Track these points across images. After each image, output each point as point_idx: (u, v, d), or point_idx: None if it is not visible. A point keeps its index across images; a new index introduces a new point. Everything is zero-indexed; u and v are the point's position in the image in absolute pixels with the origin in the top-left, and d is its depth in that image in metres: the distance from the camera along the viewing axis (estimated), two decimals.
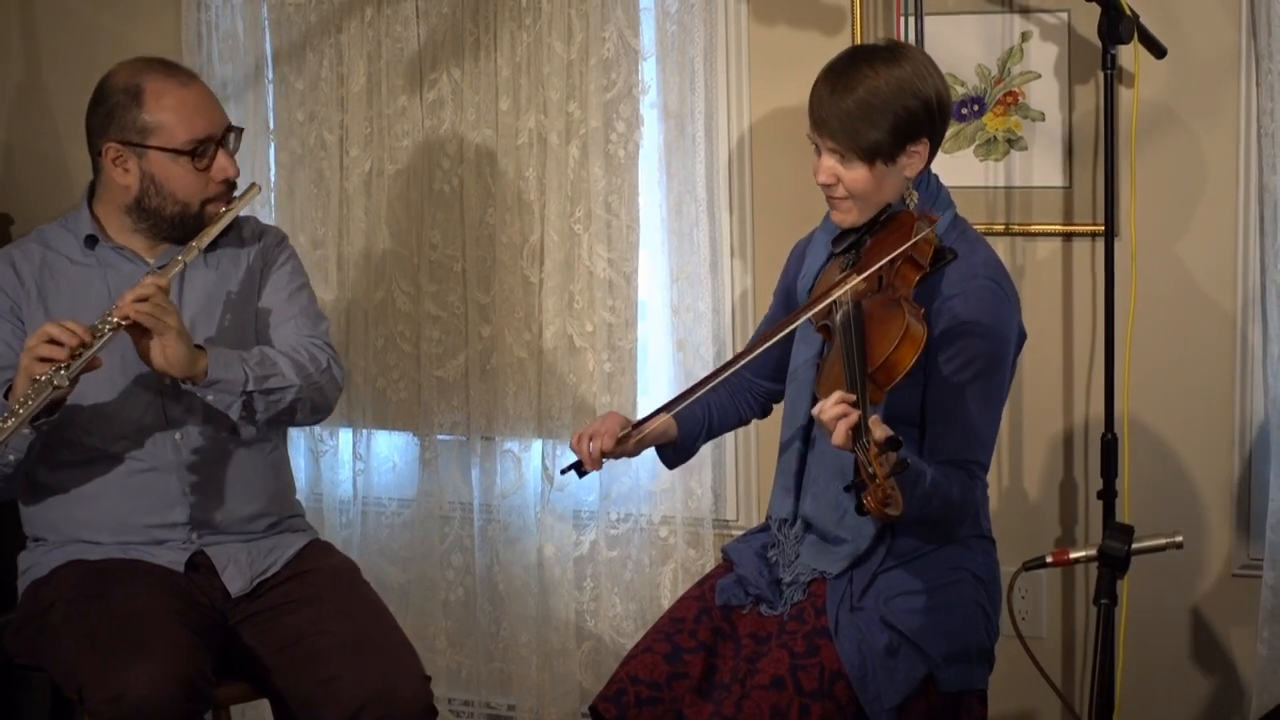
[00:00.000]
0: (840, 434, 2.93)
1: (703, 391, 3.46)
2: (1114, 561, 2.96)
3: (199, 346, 3.50)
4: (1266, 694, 3.98)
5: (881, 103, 3.28)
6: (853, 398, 2.96)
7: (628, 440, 3.47)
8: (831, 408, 2.96)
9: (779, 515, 3.52)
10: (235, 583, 3.62)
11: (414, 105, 4.56)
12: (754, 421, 3.85)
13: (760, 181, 4.37)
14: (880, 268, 3.22)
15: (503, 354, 4.55)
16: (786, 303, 3.64)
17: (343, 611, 3.58)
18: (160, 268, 3.54)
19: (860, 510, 2.95)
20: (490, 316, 4.56)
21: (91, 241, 3.67)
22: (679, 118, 4.35)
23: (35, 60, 4.99)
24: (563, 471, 3.57)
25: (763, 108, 4.34)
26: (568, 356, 4.50)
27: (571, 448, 3.48)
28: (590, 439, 3.45)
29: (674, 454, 3.63)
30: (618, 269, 4.44)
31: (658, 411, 3.52)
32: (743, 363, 3.43)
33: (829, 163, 3.35)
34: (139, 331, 3.38)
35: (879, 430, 2.92)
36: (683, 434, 3.59)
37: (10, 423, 3.26)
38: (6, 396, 3.38)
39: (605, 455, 3.46)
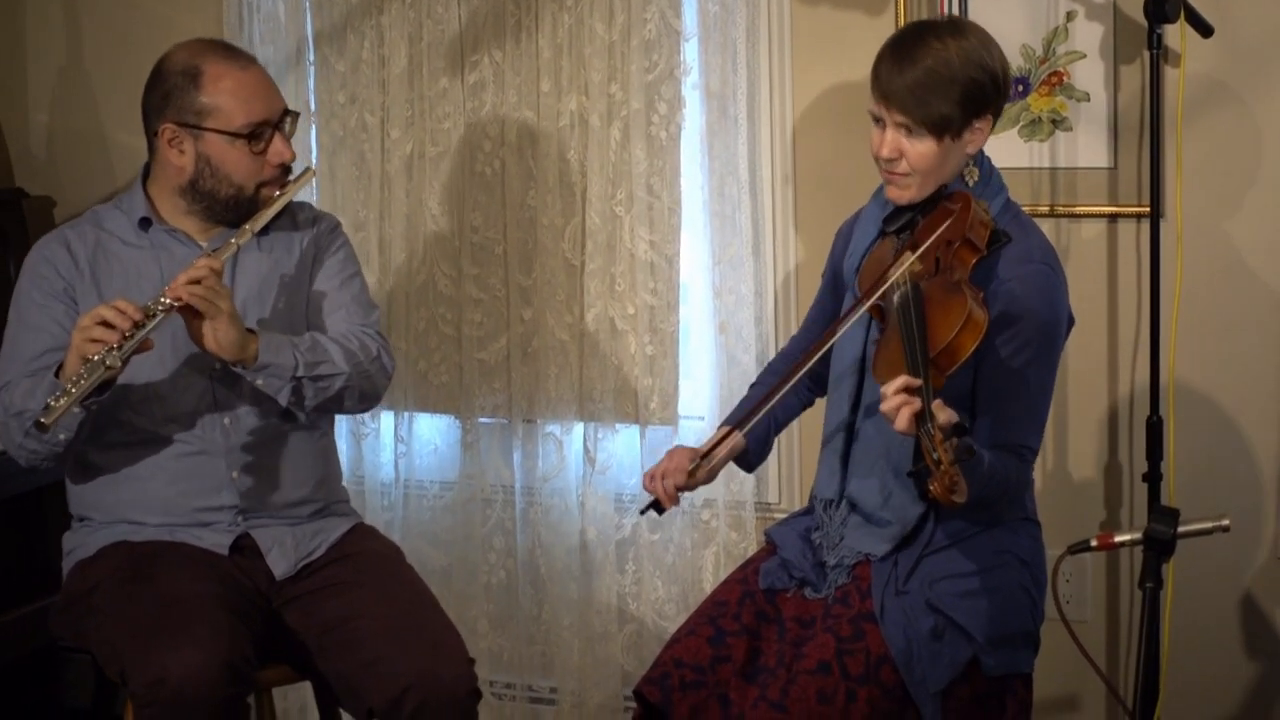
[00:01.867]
0: (904, 420, 2.93)
1: (770, 405, 3.46)
2: (1159, 545, 2.95)
3: (250, 330, 3.51)
4: None
5: (951, 74, 3.28)
6: (917, 383, 2.96)
7: (698, 470, 3.49)
8: (895, 394, 2.96)
9: (824, 496, 3.51)
10: (280, 566, 3.63)
11: (455, 87, 4.56)
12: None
13: (804, 163, 4.36)
14: (936, 245, 3.22)
15: (544, 337, 4.55)
16: (834, 284, 3.63)
17: (386, 595, 3.59)
18: (214, 250, 3.54)
19: (924, 496, 2.95)
20: (532, 299, 4.56)
21: (145, 223, 3.68)
22: (721, 99, 4.35)
23: (77, 43, 5.01)
24: (641, 512, 3.58)
25: (806, 88, 4.33)
26: (609, 339, 4.50)
27: (645, 488, 3.50)
28: (663, 477, 3.47)
29: (748, 460, 3.65)
30: (660, 251, 4.44)
31: (726, 431, 3.54)
32: (806, 367, 3.41)
33: (894, 136, 3.33)
34: (191, 314, 3.40)
35: (944, 415, 2.93)
36: (752, 442, 3.60)
37: (62, 402, 3.27)
38: (58, 375, 3.39)
39: (681, 490, 3.47)
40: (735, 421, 3.55)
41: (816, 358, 3.40)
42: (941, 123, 3.29)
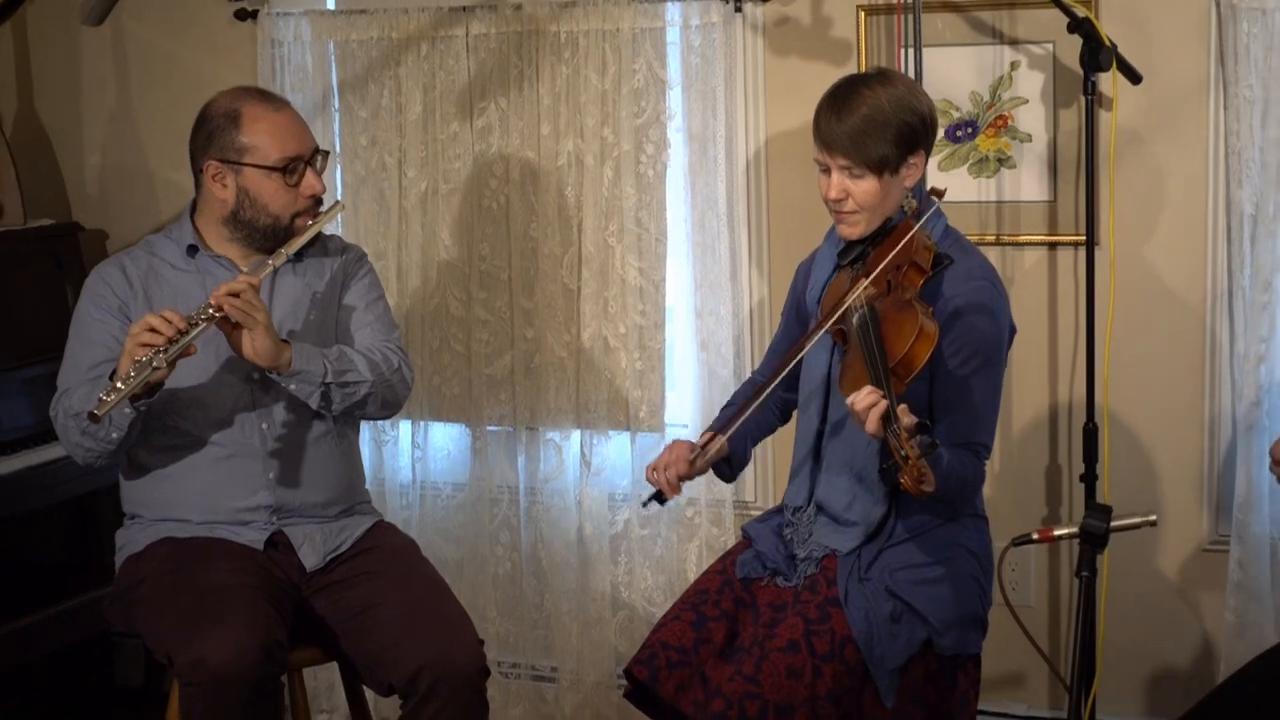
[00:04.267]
0: (873, 422, 2.96)
1: (749, 412, 3.46)
2: (1094, 538, 2.96)
3: (284, 340, 3.52)
4: (1234, 657, 3.98)
5: (885, 118, 3.30)
6: (881, 391, 2.98)
7: (697, 460, 3.48)
8: (863, 399, 2.98)
9: (794, 504, 3.53)
10: (310, 559, 3.64)
11: (465, 131, 4.57)
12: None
13: (775, 198, 4.37)
14: (886, 270, 3.24)
15: (545, 354, 4.56)
16: (798, 317, 3.65)
17: (404, 585, 3.60)
18: (253, 271, 3.56)
19: (897, 489, 2.97)
20: (533, 320, 4.57)
21: (192, 250, 3.69)
22: (702, 141, 4.36)
23: (126, 91, 5.01)
24: (645, 504, 3.57)
25: (777, 131, 4.34)
26: (603, 356, 4.51)
27: (648, 480, 3.49)
28: (665, 468, 3.47)
29: (729, 468, 3.64)
30: (647, 277, 4.45)
31: (712, 434, 3.53)
32: (779, 379, 3.43)
33: (839, 179, 3.35)
34: (230, 325, 3.41)
35: (907, 417, 2.95)
36: (734, 449, 3.60)
37: (112, 396, 3.28)
38: (111, 377, 3.40)
39: (682, 479, 3.47)
40: (718, 428, 3.56)
41: (785, 373, 3.41)
42: (881, 162, 3.31)
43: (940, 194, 3.36)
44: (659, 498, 3.49)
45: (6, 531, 4.34)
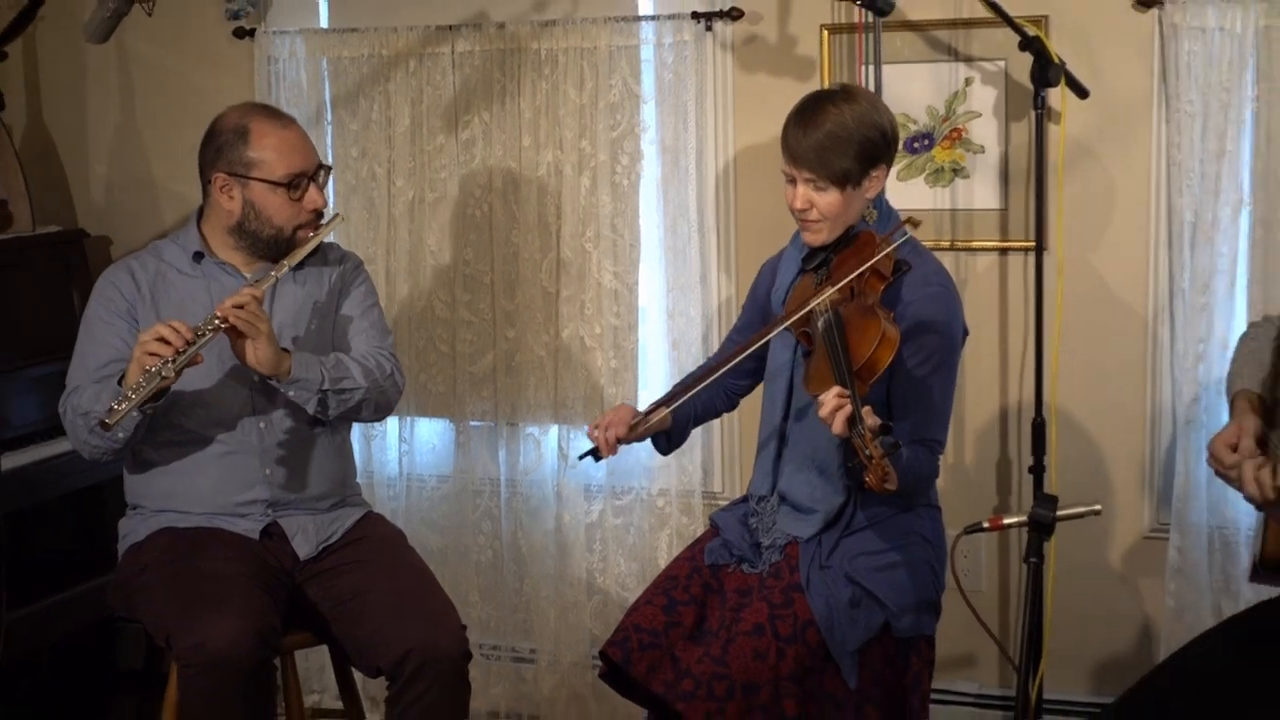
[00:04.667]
0: (839, 424, 2.96)
1: (698, 389, 3.46)
2: (1042, 527, 2.97)
3: (285, 349, 3.51)
4: (1173, 639, 3.98)
5: (847, 134, 3.30)
6: (847, 393, 2.98)
7: (636, 428, 3.47)
8: (830, 402, 2.98)
9: (758, 494, 3.53)
10: (303, 549, 3.63)
11: (450, 143, 4.57)
12: (739, 414, 3.86)
13: (742, 206, 4.37)
14: (851, 279, 3.24)
15: (525, 353, 4.55)
16: (761, 313, 3.64)
17: (392, 572, 3.60)
18: (256, 281, 3.54)
19: (861, 487, 2.97)
20: (514, 321, 4.56)
21: (199, 257, 3.68)
22: (674, 152, 4.36)
23: (129, 105, 5.00)
24: (580, 458, 3.56)
25: (745, 143, 4.34)
26: (580, 355, 4.51)
27: (589, 436, 3.48)
28: (606, 428, 3.45)
29: (667, 442, 3.64)
30: (622, 280, 4.45)
31: (658, 405, 3.52)
32: (730, 366, 3.43)
33: (804, 191, 3.35)
34: (235, 334, 3.40)
35: (871, 419, 2.95)
36: (676, 424, 3.60)
37: (124, 406, 3.28)
38: (120, 383, 3.39)
39: (620, 442, 3.46)
40: (664, 401, 3.54)
41: (738, 360, 3.42)
42: (844, 175, 3.31)
43: (916, 224, 3.33)
44: (595, 454, 3.48)
45: (15, 523, 4.31)
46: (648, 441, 3.62)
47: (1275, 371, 3.14)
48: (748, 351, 3.41)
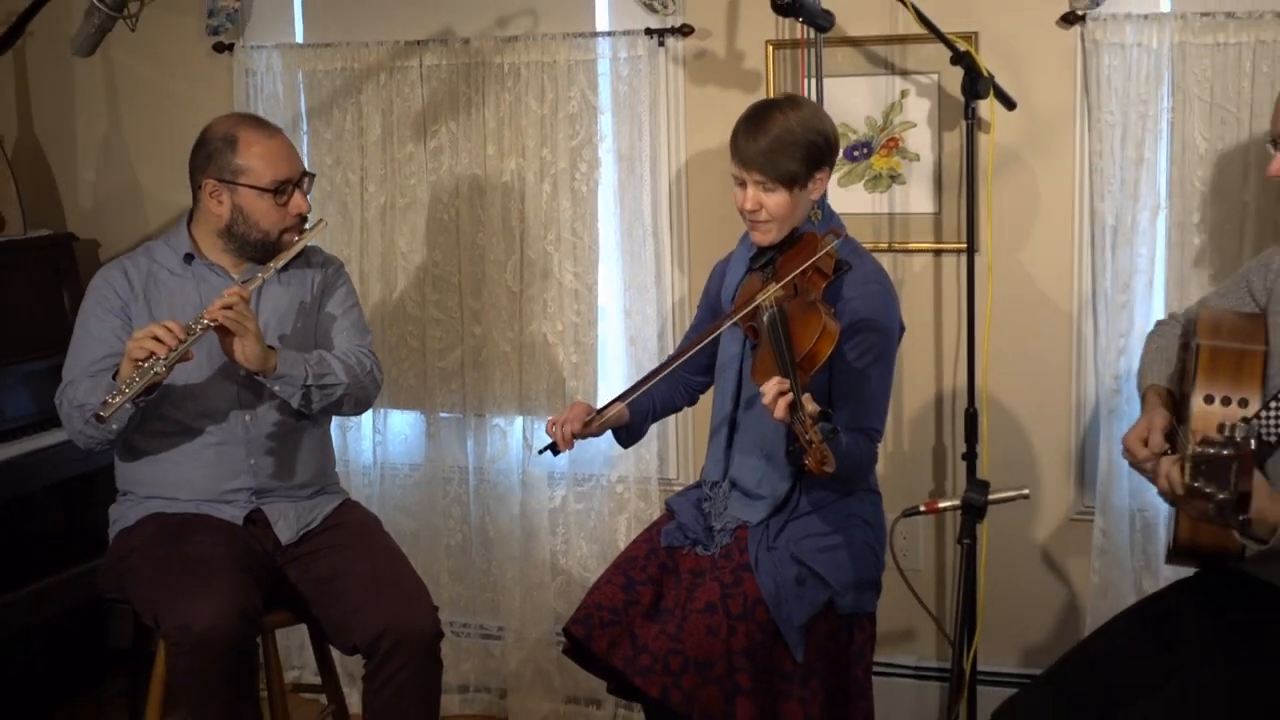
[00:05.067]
0: (780, 409, 2.95)
1: (650, 384, 3.46)
2: (974, 510, 2.98)
3: (271, 347, 3.51)
4: (1097, 614, 4.02)
5: (794, 139, 3.31)
6: (788, 382, 2.98)
7: (592, 424, 3.47)
8: (772, 388, 2.98)
9: (711, 479, 3.54)
10: (285, 534, 3.63)
11: (419, 151, 4.56)
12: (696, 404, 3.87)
13: (694, 209, 4.38)
14: (795, 276, 3.25)
15: (491, 349, 4.55)
16: (713, 313, 3.65)
17: (367, 556, 3.59)
18: (243, 282, 3.53)
19: (802, 470, 2.97)
20: (481, 319, 4.56)
21: (189, 258, 3.67)
22: (629, 160, 4.36)
23: (115, 115, 4.97)
24: (539, 452, 3.56)
25: (696, 151, 4.35)
26: (543, 350, 4.51)
27: (547, 432, 3.47)
28: (563, 424, 3.44)
29: (626, 436, 3.64)
30: (582, 280, 4.45)
31: (614, 401, 3.52)
32: (682, 360, 3.44)
33: (754, 192, 3.36)
34: (223, 332, 3.39)
35: (811, 406, 2.94)
36: (634, 419, 3.60)
37: (118, 399, 3.27)
38: (114, 377, 3.39)
39: (575, 437, 3.46)
40: (620, 398, 3.54)
41: (688, 355, 3.42)
42: (790, 177, 3.32)
43: (839, 236, 3.37)
44: (553, 448, 3.47)
45: (10, 510, 4.30)
46: (605, 436, 3.62)
47: (1181, 368, 3.16)
48: (698, 348, 3.42)
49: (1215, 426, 2.71)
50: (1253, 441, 2.46)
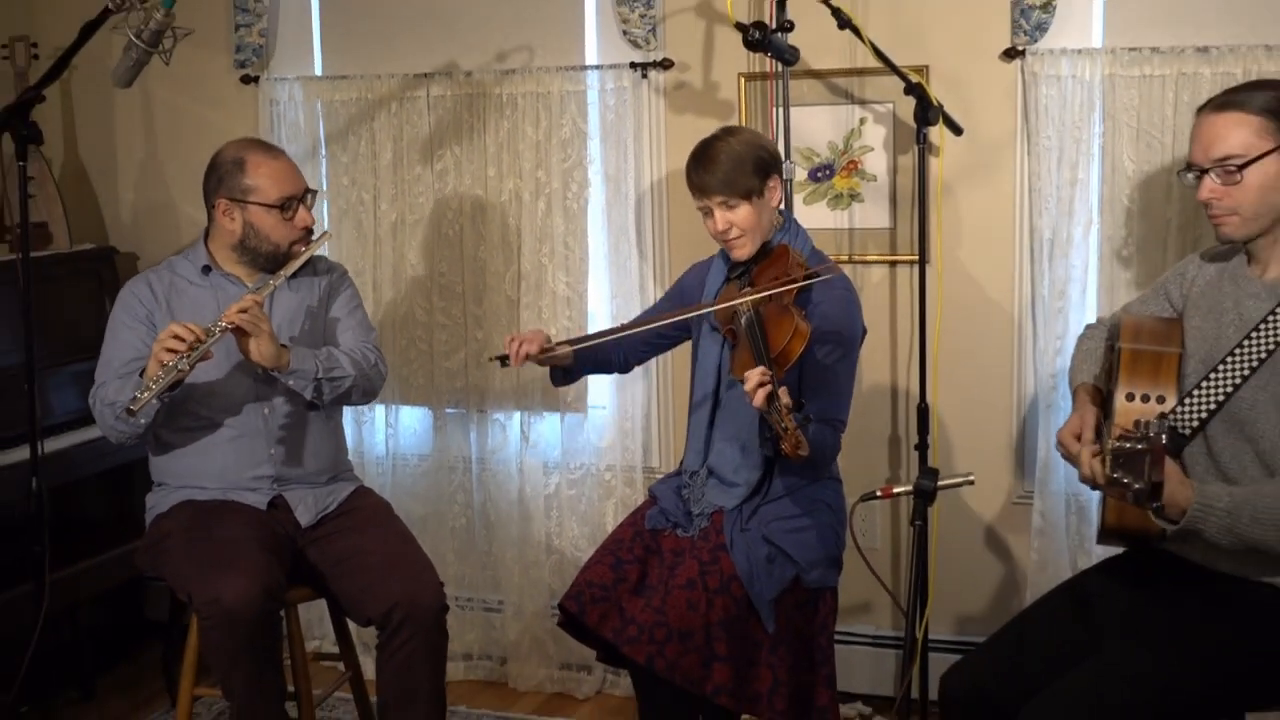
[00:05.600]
0: (760, 399, 2.94)
1: (603, 340, 3.48)
2: (925, 494, 2.98)
3: (284, 345, 3.50)
4: (1036, 587, 4.02)
5: (741, 157, 3.34)
6: (767, 375, 2.97)
7: (544, 351, 3.45)
8: (755, 378, 2.97)
9: (691, 468, 3.53)
10: (304, 517, 3.62)
11: (427, 173, 4.55)
12: (672, 401, 3.86)
13: (673, 226, 4.37)
14: (769, 286, 3.24)
15: (491, 351, 4.49)
16: (682, 302, 3.64)
17: (380, 537, 3.58)
18: (257, 289, 3.52)
19: (778, 454, 2.97)
20: (482, 324, 4.54)
21: (206, 270, 3.66)
22: (616, 181, 4.35)
23: (152, 140, 4.96)
24: (489, 359, 3.50)
25: (675, 173, 4.32)
26: None
27: (504, 345, 3.44)
28: (521, 343, 3.42)
29: (563, 376, 3.62)
30: (573, 289, 4.44)
31: (566, 343, 3.52)
32: (642, 329, 3.47)
33: (720, 214, 3.37)
34: (240, 333, 3.38)
35: (786, 397, 2.95)
36: (576, 365, 3.59)
37: (145, 395, 3.26)
38: (141, 376, 3.37)
39: (528, 358, 3.44)
40: (574, 342, 3.55)
41: (645, 328, 3.46)
42: (748, 190, 3.34)
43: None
44: (504, 360, 3.44)
45: (59, 497, 4.28)
46: (598, 423, 3.61)
47: (1107, 367, 3.18)
48: (667, 321, 3.44)
49: (1134, 422, 2.77)
50: (1164, 436, 2.50)
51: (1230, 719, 2.95)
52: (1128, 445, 2.50)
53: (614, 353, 3.71)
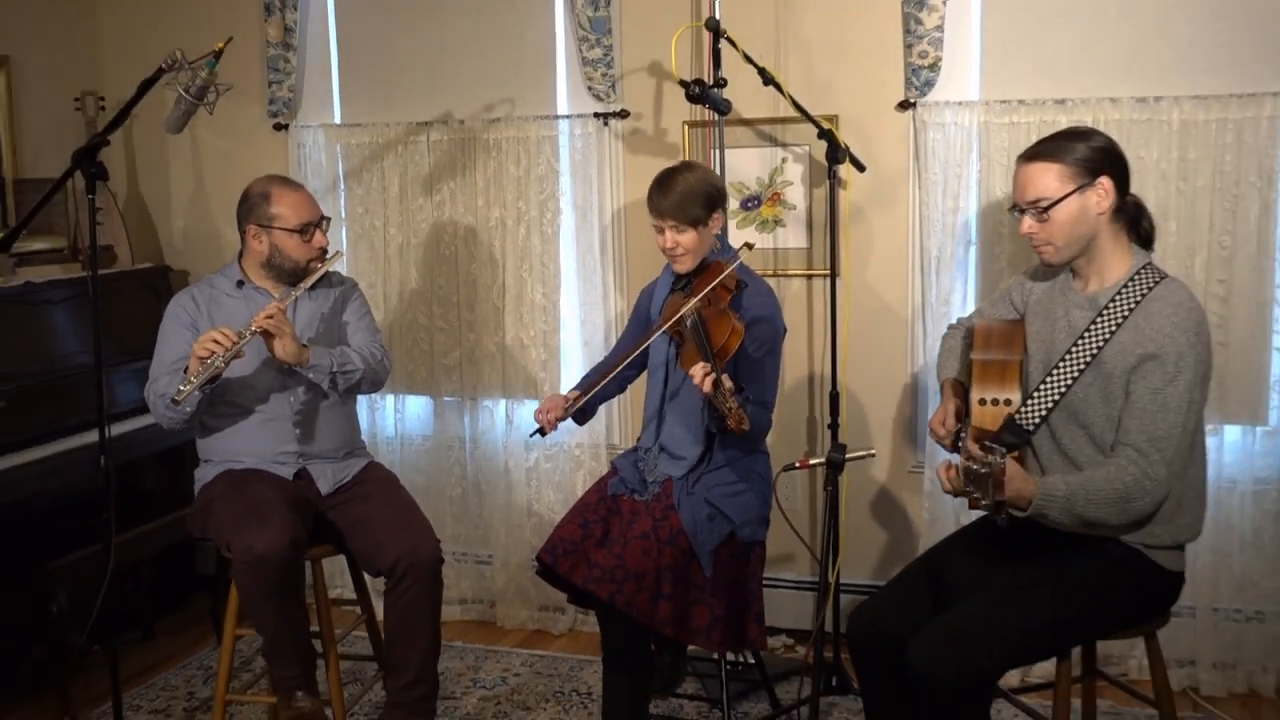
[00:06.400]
0: (707, 385, 2.96)
1: (605, 382, 3.47)
2: (836, 465, 3.00)
3: (304, 345, 3.48)
4: (927, 539, 4.04)
5: (694, 191, 3.33)
6: (709, 366, 2.98)
7: (568, 411, 3.46)
8: (700, 370, 2.98)
9: (645, 446, 3.52)
10: (324, 487, 3.59)
11: (427, 203, 4.53)
12: (630, 391, 3.86)
13: (631, 247, 4.37)
14: (707, 292, 3.25)
15: (482, 350, 4.53)
16: (642, 325, 3.63)
17: (389, 504, 3.56)
18: (281, 299, 3.50)
19: (723, 430, 2.97)
20: (474, 327, 4.53)
21: (240, 284, 3.63)
22: (583, 209, 4.35)
23: (199, 177, 4.93)
24: (530, 435, 3.51)
25: (631, 202, 4.34)
26: (519, 351, 4.49)
27: (535, 419, 3.45)
28: (546, 413, 3.44)
29: (581, 416, 3.62)
30: (549, 299, 4.43)
31: (579, 394, 3.49)
32: (627, 361, 3.45)
33: (670, 234, 3.37)
34: (267, 335, 3.36)
35: (728, 382, 2.96)
36: (588, 405, 3.57)
37: (188, 387, 3.25)
38: (185, 372, 3.36)
39: (558, 421, 3.45)
40: (582, 389, 3.53)
41: (633, 356, 3.42)
42: (695, 219, 3.34)
43: (750, 246, 3.37)
44: (541, 432, 3.45)
45: (123, 473, 4.25)
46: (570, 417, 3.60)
47: (965, 364, 3.20)
48: (640, 349, 3.42)
49: (990, 421, 2.83)
50: (1005, 462, 2.54)
51: (1084, 645, 2.97)
52: (975, 467, 2.52)
53: (613, 384, 3.70)
